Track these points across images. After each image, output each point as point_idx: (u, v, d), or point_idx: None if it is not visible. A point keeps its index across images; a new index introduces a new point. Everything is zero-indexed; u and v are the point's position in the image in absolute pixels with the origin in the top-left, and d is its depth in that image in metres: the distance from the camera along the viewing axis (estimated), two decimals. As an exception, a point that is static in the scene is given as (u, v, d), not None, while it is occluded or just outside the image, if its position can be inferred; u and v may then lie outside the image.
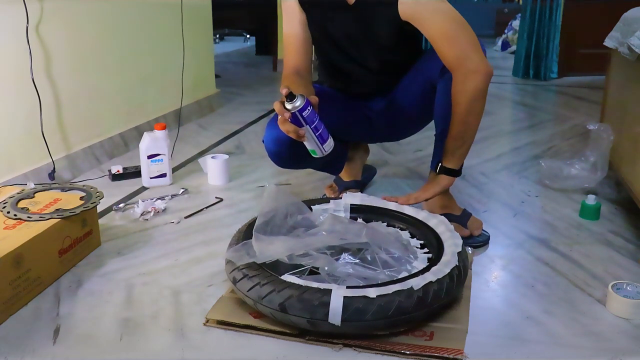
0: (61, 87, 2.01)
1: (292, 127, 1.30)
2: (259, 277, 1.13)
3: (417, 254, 1.33)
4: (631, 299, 1.20)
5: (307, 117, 1.28)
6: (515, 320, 1.20)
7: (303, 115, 1.28)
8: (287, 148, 1.50)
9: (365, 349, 1.08)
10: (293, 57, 1.59)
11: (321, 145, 1.35)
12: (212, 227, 1.66)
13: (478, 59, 1.39)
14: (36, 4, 1.85)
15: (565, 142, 2.57)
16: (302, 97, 1.28)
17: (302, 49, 1.60)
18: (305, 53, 1.60)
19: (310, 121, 1.29)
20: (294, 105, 1.26)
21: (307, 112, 1.28)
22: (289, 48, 1.61)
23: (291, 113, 1.27)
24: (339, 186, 1.90)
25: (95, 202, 1.47)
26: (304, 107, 1.27)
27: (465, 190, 1.95)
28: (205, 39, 3.14)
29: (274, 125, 1.47)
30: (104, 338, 1.14)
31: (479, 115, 1.44)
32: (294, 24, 1.59)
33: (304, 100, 1.27)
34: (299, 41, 1.59)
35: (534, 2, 4.26)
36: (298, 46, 1.59)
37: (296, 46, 1.59)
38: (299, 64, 1.58)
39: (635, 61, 1.69)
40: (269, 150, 1.56)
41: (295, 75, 1.53)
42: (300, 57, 1.59)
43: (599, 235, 1.61)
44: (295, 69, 1.56)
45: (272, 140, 1.52)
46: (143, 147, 1.94)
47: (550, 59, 4.27)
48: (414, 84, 1.63)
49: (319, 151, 1.37)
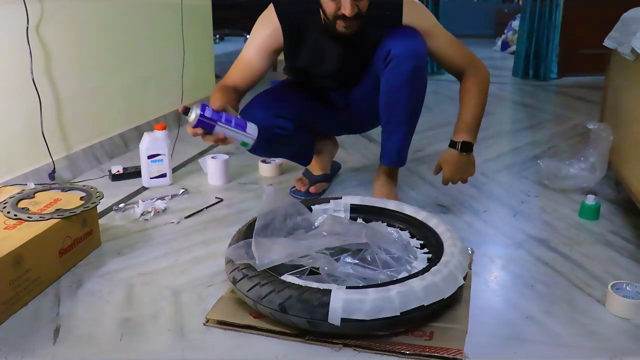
0: (61, 87, 2.01)
1: (211, 137, 1.33)
2: (259, 277, 1.13)
3: (417, 254, 1.34)
4: (631, 299, 1.20)
5: (211, 117, 1.31)
6: (515, 320, 1.20)
7: (206, 115, 1.30)
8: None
9: (365, 349, 1.08)
10: (237, 77, 1.60)
11: (244, 132, 1.36)
12: (212, 227, 1.66)
13: (478, 58, 1.69)
14: (36, 4, 1.85)
15: (565, 142, 2.57)
16: (196, 104, 1.32)
17: (249, 77, 1.61)
18: (250, 81, 1.62)
19: (218, 118, 1.32)
20: (196, 114, 1.29)
21: (208, 112, 1.31)
22: (239, 69, 1.61)
23: (197, 121, 1.30)
24: (308, 179, 1.94)
25: (96, 202, 1.47)
26: (202, 110, 1.30)
27: (465, 191, 1.95)
28: (205, 39, 3.14)
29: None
30: (104, 338, 1.14)
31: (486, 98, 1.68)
32: (256, 53, 1.60)
33: (198, 105, 1.31)
34: (251, 70, 1.61)
35: (533, 2, 4.26)
36: (248, 74, 1.61)
37: (246, 73, 1.61)
38: (239, 86, 1.60)
39: (635, 61, 1.70)
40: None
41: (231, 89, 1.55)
42: (246, 82, 1.61)
43: (598, 235, 1.62)
44: (234, 86, 1.58)
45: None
46: (143, 148, 1.94)
47: (550, 59, 4.27)
48: (368, 78, 1.70)
49: (247, 139, 1.37)
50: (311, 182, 1.93)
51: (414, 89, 1.62)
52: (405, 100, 1.63)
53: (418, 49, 1.58)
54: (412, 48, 1.57)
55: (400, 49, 1.56)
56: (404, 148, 1.75)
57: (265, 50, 1.61)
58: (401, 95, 1.62)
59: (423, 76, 1.63)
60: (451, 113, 1.81)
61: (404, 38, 1.58)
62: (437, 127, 2.76)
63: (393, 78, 1.59)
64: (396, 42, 1.57)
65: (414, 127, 1.72)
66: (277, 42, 1.61)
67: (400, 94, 1.61)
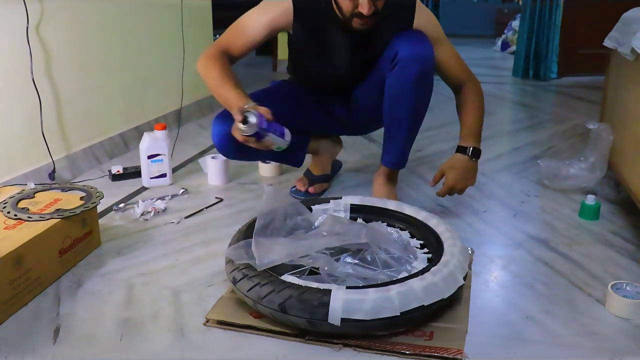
0: (61, 87, 2.01)
1: (259, 145, 1.38)
2: (259, 277, 1.13)
3: (416, 254, 1.34)
4: (631, 299, 1.20)
5: (266, 128, 1.36)
6: (515, 320, 1.20)
7: (263, 127, 1.34)
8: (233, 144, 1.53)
9: (365, 349, 1.08)
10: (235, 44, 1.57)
11: (283, 139, 1.44)
12: (212, 227, 1.66)
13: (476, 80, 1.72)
14: (36, 4, 1.85)
15: (565, 142, 2.57)
16: (252, 113, 1.33)
17: (246, 47, 1.58)
18: (245, 51, 1.59)
19: (268, 128, 1.36)
20: (255, 125, 1.33)
21: (264, 123, 1.35)
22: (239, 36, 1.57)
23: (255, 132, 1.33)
24: (309, 179, 1.94)
25: (96, 202, 1.47)
26: (260, 122, 1.33)
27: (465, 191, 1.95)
28: (205, 39, 3.13)
29: (219, 121, 1.57)
30: (104, 338, 1.14)
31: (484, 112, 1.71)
32: (261, 31, 1.57)
33: (255, 114, 1.33)
34: (250, 42, 1.58)
35: (533, 2, 4.26)
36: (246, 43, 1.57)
37: (245, 42, 1.57)
38: (234, 53, 1.57)
39: (635, 61, 1.70)
40: (217, 146, 1.61)
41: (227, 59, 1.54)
42: (244, 50, 1.58)
43: (598, 235, 1.62)
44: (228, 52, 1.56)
45: (217, 135, 1.58)
46: (143, 148, 1.94)
47: (550, 59, 4.27)
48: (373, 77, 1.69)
49: (284, 144, 1.45)
50: (311, 182, 1.93)
51: (419, 93, 1.60)
52: (410, 104, 1.62)
53: (426, 53, 1.56)
54: (420, 52, 1.55)
55: (408, 52, 1.55)
56: (406, 150, 1.74)
57: (271, 26, 1.57)
58: (406, 99, 1.60)
59: (429, 81, 1.61)
60: (451, 113, 1.81)
61: (412, 41, 1.56)
62: (437, 127, 2.76)
63: (399, 81, 1.58)
64: (404, 45, 1.56)
65: (417, 131, 1.71)
66: (286, 22, 1.58)
67: (405, 97, 1.60)
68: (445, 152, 2.38)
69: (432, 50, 1.57)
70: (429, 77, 1.60)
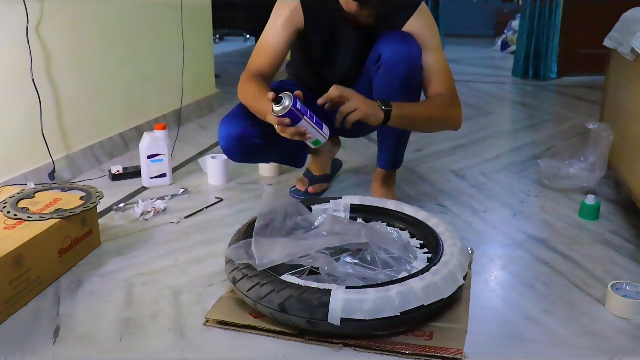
0: (61, 87, 2.01)
1: (293, 130, 1.30)
2: (259, 277, 1.13)
3: (417, 254, 1.34)
4: (631, 299, 1.20)
5: (301, 110, 1.28)
6: (515, 320, 1.20)
7: (297, 108, 1.27)
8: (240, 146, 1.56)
9: (365, 349, 1.09)
10: (267, 62, 1.57)
11: (321, 131, 1.35)
12: (212, 227, 1.66)
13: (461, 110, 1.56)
14: (36, 4, 1.85)
15: (565, 142, 2.57)
16: (287, 94, 1.28)
17: (274, 61, 1.57)
18: (276, 64, 1.58)
19: (305, 112, 1.29)
20: (284, 106, 1.26)
21: (299, 104, 1.28)
22: (262, 54, 1.57)
23: (287, 111, 1.26)
24: (308, 180, 1.94)
25: (96, 202, 1.47)
26: (294, 102, 1.27)
27: (465, 191, 1.95)
28: (205, 39, 3.14)
29: (226, 124, 1.57)
30: (104, 338, 1.14)
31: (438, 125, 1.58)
32: (281, 36, 1.56)
33: (290, 97, 1.27)
34: (277, 53, 1.57)
35: (533, 2, 4.26)
36: (272, 58, 1.57)
37: (270, 57, 1.56)
38: (267, 71, 1.56)
39: (635, 61, 1.70)
40: (223, 148, 1.60)
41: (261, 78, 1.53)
42: (273, 65, 1.57)
43: (598, 235, 1.62)
44: (262, 73, 1.55)
45: (224, 139, 1.58)
46: (143, 148, 1.94)
47: (550, 59, 4.27)
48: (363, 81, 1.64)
49: (322, 137, 1.36)
50: (311, 182, 1.93)
51: (406, 96, 1.52)
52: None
53: (410, 54, 1.49)
54: (405, 53, 1.49)
55: (392, 53, 1.49)
56: (400, 152, 1.74)
57: (287, 32, 1.55)
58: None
59: (416, 82, 1.54)
60: (451, 113, 1.80)
61: (397, 41, 1.50)
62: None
63: (385, 84, 1.53)
64: (388, 46, 1.50)
65: (409, 132, 1.69)
66: (299, 21, 1.56)
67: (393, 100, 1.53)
68: (445, 152, 2.38)
69: (417, 50, 1.50)
70: (415, 78, 1.53)
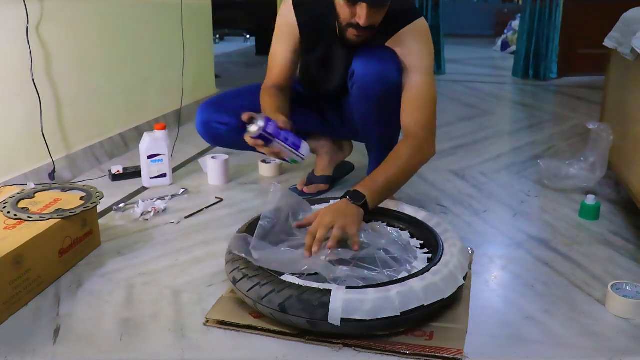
0: (61, 87, 2.01)
1: (267, 149, 1.38)
2: (259, 277, 1.13)
3: (416, 254, 1.34)
4: (631, 299, 1.20)
5: (271, 133, 1.36)
6: (515, 320, 1.20)
7: (267, 131, 1.35)
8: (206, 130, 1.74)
9: (365, 349, 1.08)
10: (277, 74, 1.64)
11: (297, 152, 1.42)
12: (212, 227, 1.66)
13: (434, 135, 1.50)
14: (36, 4, 1.85)
15: (565, 142, 2.57)
16: (261, 116, 1.36)
17: (286, 69, 1.64)
18: (286, 74, 1.64)
19: (276, 135, 1.36)
20: (258, 127, 1.34)
21: (270, 128, 1.35)
22: (273, 67, 1.64)
23: (258, 134, 1.34)
24: (309, 180, 1.94)
25: (96, 202, 1.47)
26: (265, 125, 1.34)
27: (465, 190, 1.95)
28: (205, 39, 3.14)
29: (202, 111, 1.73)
30: (104, 338, 1.14)
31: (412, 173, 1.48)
32: (286, 46, 1.62)
33: (263, 118, 1.35)
34: (287, 62, 1.64)
35: (533, 2, 4.26)
36: (284, 66, 1.64)
37: (281, 69, 1.64)
38: (281, 82, 1.63)
39: (635, 61, 1.70)
40: (200, 132, 1.76)
41: (275, 89, 1.59)
42: (284, 76, 1.64)
43: (598, 235, 1.62)
44: (276, 84, 1.62)
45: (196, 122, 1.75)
46: (143, 148, 1.94)
47: (550, 59, 4.27)
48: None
49: (298, 158, 1.44)
50: (309, 181, 1.93)
51: (384, 115, 1.50)
52: (376, 127, 1.59)
53: (382, 72, 1.44)
54: (376, 72, 1.44)
55: (364, 70, 1.45)
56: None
57: (287, 45, 1.62)
58: (371, 121, 1.57)
59: (392, 100, 1.47)
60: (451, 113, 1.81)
61: (370, 59, 1.44)
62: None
63: (359, 102, 1.53)
64: (362, 62, 1.46)
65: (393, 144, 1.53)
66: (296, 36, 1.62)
67: (370, 120, 1.55)
68: (445, 152, 2.38)
69: (391, 69, 1.44)
70: (389, 96, 1.47)
